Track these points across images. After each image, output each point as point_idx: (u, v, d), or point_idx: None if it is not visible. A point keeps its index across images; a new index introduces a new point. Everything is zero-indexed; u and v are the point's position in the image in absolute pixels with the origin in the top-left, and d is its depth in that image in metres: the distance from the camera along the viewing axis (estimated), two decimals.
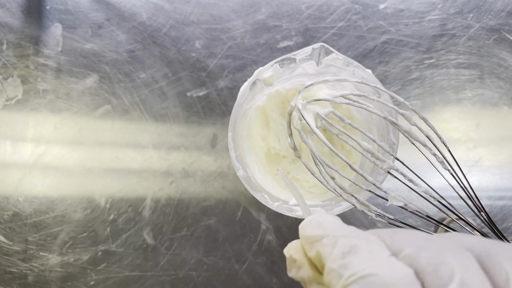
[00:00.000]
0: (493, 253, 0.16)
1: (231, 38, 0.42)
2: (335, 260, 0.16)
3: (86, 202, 0.40)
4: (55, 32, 0.42)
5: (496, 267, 0.15)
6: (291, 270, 0.19)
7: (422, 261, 0.15)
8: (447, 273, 0.15)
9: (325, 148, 0.36)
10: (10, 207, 0.40)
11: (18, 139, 0.41)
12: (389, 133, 0.31)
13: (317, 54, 0.31)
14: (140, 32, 0.42)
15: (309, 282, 0.18)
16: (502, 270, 0.15)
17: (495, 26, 0.41)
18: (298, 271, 0.19)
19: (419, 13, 0.42)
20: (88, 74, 0.41)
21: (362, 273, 0.15)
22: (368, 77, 0.31)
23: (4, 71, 0.41)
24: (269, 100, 0.35)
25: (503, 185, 0.40)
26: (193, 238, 0.39)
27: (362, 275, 0.15)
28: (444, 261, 0.15)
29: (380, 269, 0.15)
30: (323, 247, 0.17)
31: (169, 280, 0.39)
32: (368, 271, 0.15)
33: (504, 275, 0.15)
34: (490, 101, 0.40)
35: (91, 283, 0.39)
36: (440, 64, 0.41)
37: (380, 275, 0.15)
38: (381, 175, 0.29)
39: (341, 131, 0.24)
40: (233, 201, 0.40)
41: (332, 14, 0.42)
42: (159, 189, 0.40)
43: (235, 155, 0.31)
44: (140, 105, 0.41)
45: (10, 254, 0.39)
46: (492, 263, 0.15)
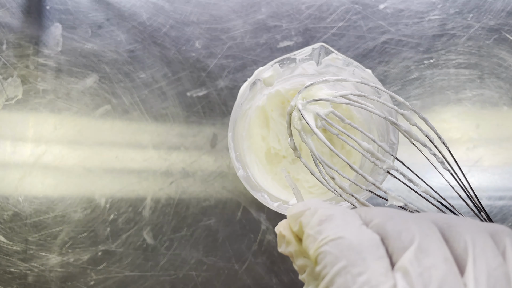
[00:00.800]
0: (454, 224, 0.17)
1: (231, 38, 0.42)
2: (312, 227, 0.18)
3: (86, 202, 0.40)
4: (55, 32, 0.42)
5: (456, 237, 0.16)
6: (280, 246, 0.21)
7: (388, 229, 0.17)
8: (408, 238, 0.16)
9: (325, 148, 0.36)
10: (10, 207, 0.40)
11: (18, 139, 0.40)
12: (389, 133, 0.31)
13: (317, 54, 0.31)
14: (140, 32, 0.42)
15: (296, 255, 0.20)
16: (462, 239, 0.16)
17: (495, 26, 0.41)
18: (287, 246, 0.20)
19: (419, 13, 0.42)
20: (88, 74, 0.41)
21: (332, 236, 0.17)
22: (368, 77, 0.31)
23: (4, 71, 0.41)
24: (269, 100, 0.35)
25: (503, 185, 0.40)
26: (193, 238, 0.39)
27: (333, 237, 0.17)
28: (407, 228, 0.16)
29: (349, 234, 0.16)
30: (304, 217, 0.19)
31: (169, 280, 0.39)
32: (338, 234, 0.17)
33: (463, 244, 0.16)
34: (490, 101, 0.40)
35: (91, 283, 0.39)
36: (440, 64, 0.41)
37: (348, 238, 0.16)
38: (381, 175, 0.29)
39: (341, 131, 0.24)
40: (233, 201, 0.40)
41: (332, 14, 0.42)
42: (159, 189, 0.40)
43: (235, 155, 0.31)
44: (140, 105, 0.41)
45: (10, 254, 0.39)
46: (453, 233, 0.17)
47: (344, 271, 0.15)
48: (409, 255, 0.15)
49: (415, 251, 0.16)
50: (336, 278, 0.16)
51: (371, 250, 0.16)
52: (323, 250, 0.16)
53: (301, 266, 0.20)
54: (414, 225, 0.17)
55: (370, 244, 0.16)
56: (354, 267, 0.15)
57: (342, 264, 0.16)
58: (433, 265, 0.15)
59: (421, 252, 0.16)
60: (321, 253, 0.17)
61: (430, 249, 0.16)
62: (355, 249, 0.16)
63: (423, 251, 0.16)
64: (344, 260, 0.16)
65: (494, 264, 0.15)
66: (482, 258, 0.16)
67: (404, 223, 0.17)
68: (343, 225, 0.17)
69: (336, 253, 0.16)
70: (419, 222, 0.17)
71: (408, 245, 0.16)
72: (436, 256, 0.16)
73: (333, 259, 0.16)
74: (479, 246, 0.16)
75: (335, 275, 0.16)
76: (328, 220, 0.17)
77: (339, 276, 0.15)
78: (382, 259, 0.16)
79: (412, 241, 0.16)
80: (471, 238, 0.16)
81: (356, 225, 0.17)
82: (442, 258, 0.16)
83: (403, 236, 0.16)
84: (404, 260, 0.15)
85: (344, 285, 0.15)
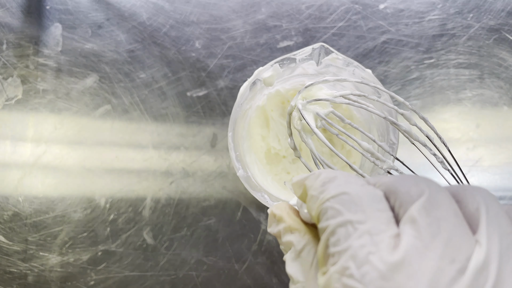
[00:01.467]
0: (469, 189, 0.16)
1: (231, 38, 0.42)
2: (316, 188, 0.17)
3: (86, 202, 0.40)
4: (55, 32, 0.42)
5: (469, 197, 0.16)
6: (270, 226, 0.21)
7: (396, 185, 0.16)
8: (417, 192, 0.16)
9: (325, 148, 0.36)
10: (10, 207, 0.40)
11: (18, 139, 0.40)
12: (389, 133, 0.31)
13: (317, 54, 0.31)
14: (140, 32, 0.42)
15: (284, 232, 0.20)
16: (475, 200, 0.16)
17: (495, 26, 0.41)
18: (277, 225, 0.20)
19: (419, 13, 0.42)
20: (88, 74, 0.41)
21: (334, 192, 0.16)
22: (368, 77, 0.31)
23: (4, 71, 0.41)
24: (269, 100, 0.35)
25: (503, 185, 0.40)
26: (193, 238, 0.39)
27: (335, 194, 0.16)
28: (417, 184, 0.16)
29: (351, 189, 0.16)
30: (308, 180, 0.18)
31: (169, 280, 0.39)
32: (340, 190, 0.16)
33: (475, 204, 0.15)
34: (490, 101, 0.40)
35: (91, 283, 0.39)
36: (440, 64, 0.41)
37: (350, 193, 0.16)
38: (381, 175, 0.29)
39: (341, 131, 0.24)
40: (233, 201, 0.40)
41: (332, 14, 0.42)
42: (159, 189, 0.40)
43: (235, 155, 0.31)
44: (140, 105, 0.41)
45: (10, 254, 0.39)
46: (466, 195, 0.16)
47: (345, 222, 0.15)
48: (418, 206, 0.15)
49: (424, 203, 0.15)
50: (337, 229, 0.15)
51: (372, 203, 0.16)
52: (325, 206, 0.16)
53: (287, 243, 0.19)
54: (424, 182, 0.16)
55: (373, 198, 0.16)
56: (355, 218, 0.15)
57: (344, 216, 0.15)
58: (443, 217, 0.15)
59: (430, 204, 0.15)
60: (323, 209, 0.16)
61: (440, 203, 0.15)
62: (357, 203, 0.16)
63: (433, 203, 0.15)
64: (346, 213, 0.16)
65: (508, 230, 0.15)
66: (496, 221, 0.15)
67: (413, 180, 0.16)
68: (345, 184, 0.17)
69: (338, 207, 0.16)
70: (430, 181, 0.16)
71: (417, 198, 0.15)
72: (447, 209, 0.15)
73: (335, 212, 0.16)
74: (493, 211, 0.15)
75: (337, 226, 0.15)
76: (332, 181, 0.17)
77: (340, 227, 0.15)
78: (384, 211, 0.16)
79: (421, 195, 0.15)
80: (484, 202, 0.16)
81: (359, 183, 0.17)
82: (453, 212, 0.15)
83: (412, 191, 0.16)
84: (412, 210, 0.15)
85: (345, 234, 0.15)
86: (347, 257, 0.15)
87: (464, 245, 0.14)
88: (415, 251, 0.14)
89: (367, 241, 0.15)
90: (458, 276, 0.14)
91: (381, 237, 0.15)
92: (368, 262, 0.14)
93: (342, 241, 0.15)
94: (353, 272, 0.14)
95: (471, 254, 0.14)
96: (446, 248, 0.14)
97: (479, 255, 0.14)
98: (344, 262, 0.15)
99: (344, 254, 0.15)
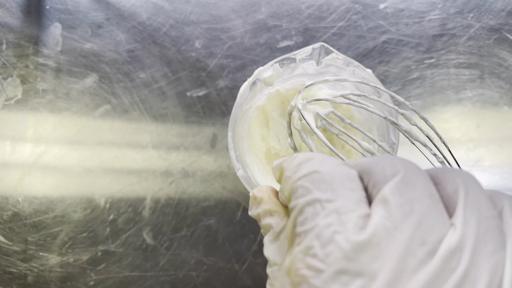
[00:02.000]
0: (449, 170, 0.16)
1: (231, 38, 0.42)
2: (291, 169, 0.17)
3: (85, 202, 0.40)
4: (55, 32, 0.42)
5: (449, 179, 0.15)
6: (251, 209, 0.20)
7: (372, 165, 0.16)
8: (392, 172, 0.15)
9: (325, 148, 0.36)
10: (9, 207, 0.40)
11: (17, 139, 0.40)
12: (389, 133, 0.31)
13: (317, 54, 0.31)
14: (140, 32, 0.42)
15: (263, 214, 0.19)
16: (454, 182, 0.15)
17: (496, 26, 0.41)
18: (257, 207, 0.20)
19: (419, 13, 0.42)
20: (88, 74, 0.41)
21: (307, 171, 0.16)
22: (368, 77, 0.31)
23: (3, 71, 0.41)
24: (269, 100, 0.35)
25: (503, 185, 0.40)
26: (193, 238, 0.39)
27: (306, 172, 0.16)
28: (392, 164, 0.15)
29: (323, 168, 0.16)
30: (285, 162, 0.18)
31: (169, 280, 0.39)
32: (313, 168, 0.16)
33: (454, 186, 0.15)
34: (490, 101, 0.40)
35: (91, 283, 0.39)
36: (440, 64, 0.41)
37: (322, 171, 0.15)
38: None
39: (341, 131, 0.24)
40: (233, 201, 0.40)
41: (332, 13, 0.42)
42: (159, 189, 0.40)
43: (235, 155, 0.31)
44: (140, 105, 0.41)
45: (9, 254, 0.39)
46: (445, 176, 0.15)
47: (314, 200, 0.15)
48: (391, 186, 0.14)
49: (398, 183, 0.14)
50: (305, 208, 0.15)
51: (344, 182, 0.15)
52: (295, 185, 0.16)
53: (266, 226, 0.19)
54: (401, 163, 0.15)
55: (345, 177, 0.15)
56: (324, 196, 0.15)
57: (313, 195, 0.15)
58: (417, 198, 0.14)
59: (404, 185, 0.14)
60: (293, 188, 0.16)
61: (415, 184, 0.14)
62: (328, 181, 0.15)
63: (407, 184, 0.14)
64: (315, 191, 0.15)
65: (487, 214, 0.14)
66: (475, 204, 0.14)
67: (390, 161, 0.16)
68: (320, 163, 0.16)
69: (308, 185, 0.15)
70: (407, 162, 0.16)
71: (391, 178, 0.15)
72: (421, 190, 0.14)
73: (304, 191, 0.15)
74: (473, 193, 0.14)
75: (305, 205, 0.15)
76: (307, 162, 0.17)
77: (309, 206, 0.15)
78: (356, 191, 0.15)
79: (395, 174, 0.15)
80: (464, 184, 0.15)
81: (334, 163, 0.16)
82: (428, 193, 0.14)
83: (387, 171, 0.15)
84: (384, 190, 0.14)
85: (313, 213, 0.15)
86: (312, 236, 0.14)
87: (437, 227, 0.14)
88: (383, 231, 0.13)
89: (334, 220, 0.14)
90: (428, 258, 0.13)
91: (349, 217, 0.14)
92: (333, 241, 0.14)
93: (309, 220, 0.15)
94: (317, 251, 0.14)
95: (444, 236, 0.13)
96: (417, 230, 0.13)
97: (452, 238, 0.13)
98: (309, 241, 0.14)
99: (309, 233, 0.14)
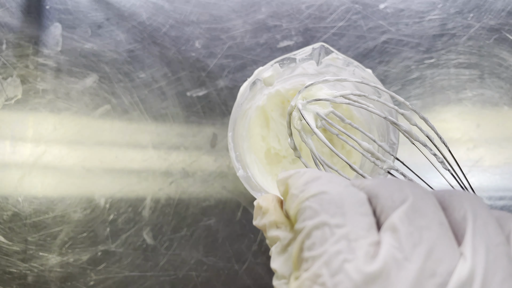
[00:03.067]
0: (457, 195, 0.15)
1: (231, 38, 0.42)
2: (297, 187, 0.16)
3: (85, 202, 0.40)
4: (55, 32, 0.42)
5: (456, 205, 0.15)
6: (256, 218, 0.20)
7: (379, 188, 0.15)
8: (400, 198, 0.15)
9: (325, 148, 0.36)
10: (9, 207, 0.40)
11: (17, 139, 0.40)
12: (389, 133, 0.31)
13: (317, 54, 0.31)
14: (140, 32, 0.42)
15: (269, 226, 0.19)
16: (462, 207, 0.15)
17: (496, 26, 0.41)
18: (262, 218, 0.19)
19: (419, 13, 0.42)
20: (88, 74, 0.41)
21: (315, 191, 0.15)
22: (368, 77, 0.31)
23: (3, 71, 0.41)
24: (269, 100, 0.35)
25: (503, 185, 0.40)
26: (193, 238, 0.39)
27: (314, 192, 0.15)
28: (401, 189, 0.15)
29: (332, 189, 0.15)
30: (291, 179, 0.17)
31: (169, 280, 0.39)
32: (321, 189, 0.15)
33: (462, 212, 0.15)
34: (490, 101, 0.40)
35: (91, 283, 0.39)
36: (441, 64, 0.41)
37: (330, 192, 0.15)
38: (381, 175, 0.29)
39: (341, 131, 0.24)
40: (233, 201, 0.40)
41: (332, 13, 0.42)
42: (159, 189, 0.40)
43: (235, 155, 0.31)
44: (140, 105, 0.41)
45: (9, 254, 0.39)
46: (453, 201, 0.15)
47: (322, 224, 0.14)
48: (400, 213, 0.14)
49: (407, 210, 0.14)
50: (313, 232, 0.14)
51: (354, 206, 0.15)
52: (303, 205, 0.15)
53: (273, 238, 0.18)
54: (409, 187, 0.15)
55: (355, 201, 0.15)
56: (333, 221, 0.14)
57: (321, 217, 0.14)
58: (426, 227, 0.14)
59: (413, 212, 0.14)
60: (301, 208, 0.15)
61: (424, 211, 0.14)
62: (337, 204, 0.15)
63: (416, 211, 0.14)
64: (324, 214, 0.14)
65: (496, 241, 0.14)
66: (483, 231, 0.14)
67: (397, 185, 0.15)
68: (328, 183, 0.16)
69: (316, 207, 0.15)
70: (415, 187, 0.15)
71: (399, 205, 0.14)
72: (431, 218, 0.14)
73: (312, 213, 0.15)
74: (481, 219, 0.14)
75: (313, 228, 0.14)
76: (314, 180, 0.16)
77: (317, 229, 0.14)
78: (366, 216, 0.14)
79: (404, 201, 0.14)
80: (472, 209, 0.15)
81: (342, 184, 0.16)
82: (437, 221, 0.14)
83: (395, 196, 0.15)
84: (393, 217, 0.14)
85: (321, 238, 0.14)
86: (321, 263, 0.14)
87: (447, 257, 0.13)
88: (393, 262, 0.13)
89: (344, 247, 0.14)
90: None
91: (360, 244, 0.14)
92: (342, 270, 0.13)
93: (318, 246, 0.14)
94: (326, 280, 0.13)
95: (454, 267, 0.13)
96: (427, 260, 0.13)
97: (463, 270, 0.13)
98: (317, 268, 0.14)
99: (318, 260, 0.14)
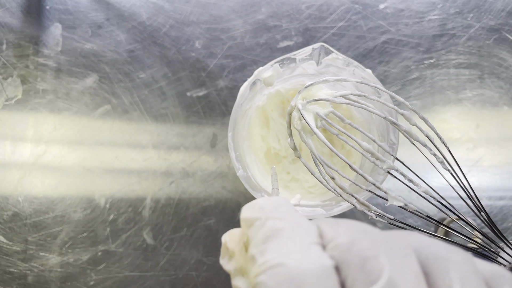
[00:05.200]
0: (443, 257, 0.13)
1: (231, 38, 0.42)
2: (257, 244, 0.14)
3: (86, 202, 0.40)
4: (55, 32, 0.42)
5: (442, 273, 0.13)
6: (223, 258, 0.18)
7: (351, 253, 0.13)
8: (375, 269, 0.12)
9: (325, 148, 0.36)
10: (10, 207, 0.40)
11: (17, 139, 0.40)
12: (389, 133, 0.31)
13: (317, 54, 0.31)
14: (140, 32, 0.42)
15: (234, 274, 0.17)
16: (447, 277, 0.13)
17: (495, 26, 0.41)
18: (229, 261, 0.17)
19: (419, 13, 0.42)
20: (88, 74, 0.41)
21: (272, 262, 0.13)
22: (368, 77, 0.31)
23: (3, 71, 0.41)
24: (269, 100, 0.35)
25: (503, 185, 0.40)
26: (193, 238, 0.39)
27: (271, 264, 0.13)
28: (376, 256, 0.13)
29: (292, 259, 0.13)
30: (251, 231, 0.15)
31: (169, 280, 0.39)
32: (278, 260, 0.13)
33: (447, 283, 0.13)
34: (490, 101, 0.40)
35: (91, 283, 0.39)
36: (440, 64, 0.41)
37: (288, 265, 0.13)
38: (381, 175, 0.29)
39: (341, 131, 0.24)
40: (233, 201, 0.40)
41: (332, 14, 0.42)
42: (159, 189, 0.40)
43: (235, 155, 0.31)
44: (140, 105, 0.41)
45: (9, 254, 0.39)
46: (439, 268, 0.13)
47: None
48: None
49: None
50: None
51: (316, 281, 0.12)
52: (259, 281, 0.13)
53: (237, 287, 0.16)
54: (386, 252, 0.13)
55: (317, 274, 0.13)
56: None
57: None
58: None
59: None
60: (256, 284, 0.13)
61: (401, 286, 0.12)
62: (294, 281, 0.12)
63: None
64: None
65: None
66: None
67: (373, 248, 0.13)
68: (287, 247, 0.14)
69: (273, 286, 0.13)
70: (393, 249, 0.13)
71: (374, 279, 0.12)
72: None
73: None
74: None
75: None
76: (274, 236, 0.14)
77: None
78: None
79: (379, 275, 0.12)
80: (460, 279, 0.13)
81: (304, 246, 0.14)
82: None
83: (369, 266, 0.13)
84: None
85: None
86: None
87: None
88: None
89: None
90: None
91: None
92: None
93: None
94: None
95: None
96: None
97: None
98: None
99: None
